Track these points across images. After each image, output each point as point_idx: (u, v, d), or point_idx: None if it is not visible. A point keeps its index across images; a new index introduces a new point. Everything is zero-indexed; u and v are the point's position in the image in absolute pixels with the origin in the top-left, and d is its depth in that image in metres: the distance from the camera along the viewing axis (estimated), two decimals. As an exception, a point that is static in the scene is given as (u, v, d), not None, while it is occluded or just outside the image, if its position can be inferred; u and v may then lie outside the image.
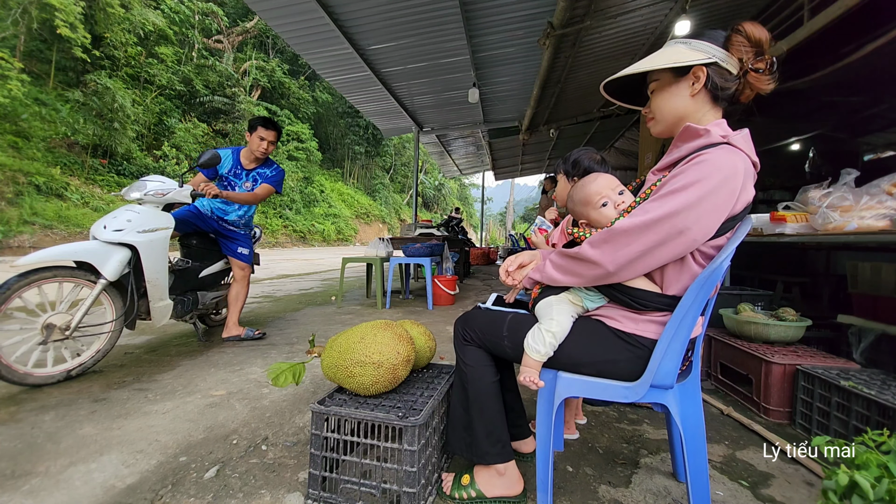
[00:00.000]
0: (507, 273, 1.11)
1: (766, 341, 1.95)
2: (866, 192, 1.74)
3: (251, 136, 2.74)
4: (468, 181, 47.72)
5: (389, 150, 32.55)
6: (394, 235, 5.90)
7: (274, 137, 2.78)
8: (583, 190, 1.07)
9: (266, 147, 2.75)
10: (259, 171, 2.85)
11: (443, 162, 12.13)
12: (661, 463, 1.39)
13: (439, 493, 1.18)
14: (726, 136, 0.88)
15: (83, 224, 10.05)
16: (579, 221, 1.12)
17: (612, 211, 1.03)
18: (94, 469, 1.27)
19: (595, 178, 1.08)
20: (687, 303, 0.90)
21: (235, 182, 2.79)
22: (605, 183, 1.05)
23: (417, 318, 3.71)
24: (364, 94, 6.36)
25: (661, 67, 0.95)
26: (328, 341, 1.34)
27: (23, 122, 10.08)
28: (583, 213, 1.08)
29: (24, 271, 1.83)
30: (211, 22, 19.06)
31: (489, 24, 4.41)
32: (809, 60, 3.18)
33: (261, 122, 2.75)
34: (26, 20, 10.95)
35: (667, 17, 4.30)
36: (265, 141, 2.73)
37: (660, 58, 0.96)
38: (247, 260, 2.88)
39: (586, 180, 1.08)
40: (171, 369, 2.20)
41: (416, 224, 6.99)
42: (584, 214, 1.08)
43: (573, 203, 1.10)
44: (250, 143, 2.76)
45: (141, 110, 13.75)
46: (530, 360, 1.01)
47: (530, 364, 1.01)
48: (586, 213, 1.07)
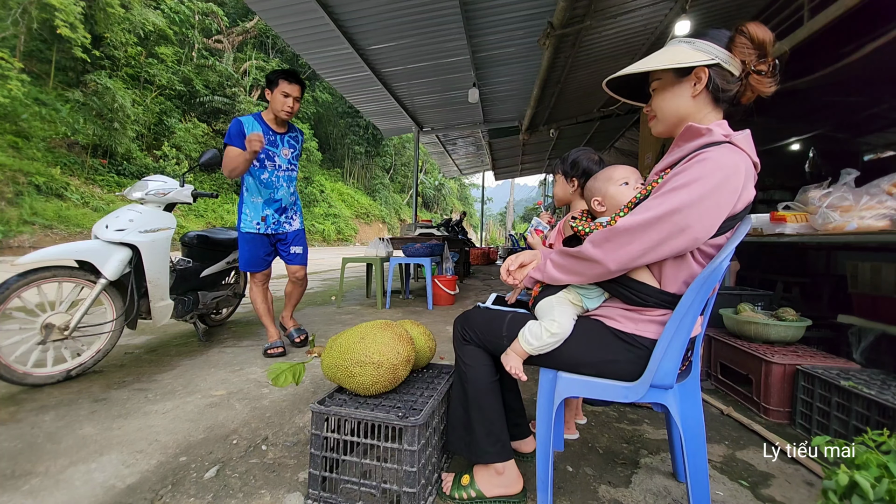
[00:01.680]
0: (509, 272, 1.11)
1: (766, 341, 1.95)
2: (866, 192, 1.74)
3: (272, 94, 2.31)
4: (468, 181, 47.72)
5: (389, 150, 32.55)
6: (394, 235, 5.90)
7: (299, 93, 2.34)
8: (609, 170, 1.13)
9: (292, 105, 2.32)
10: (291, 134, 2.49)
11: (443, 162, 12.13)
12: (661, 463, 1.39)
13: (439, 493, 1.18)
14: (728, 136, 0.88)
15: (83, 224, 10.05)
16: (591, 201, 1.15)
17: (631, 192, 1.06)
18: (94, 469, 1.27)
19: (622, 166, 1.15)
20: (687, 302, 0.90)
21: (274, 152, 2.37)
22: (630, 171, 1.12)
23: (417, 318, 3.71)
24: (364, 94, 6.36)
25: (659, 67, 0.95)
26: (328, 341, 1.34)
27: (23, 122, 10.09)
28: (602, 188, 1.11)
29: (23, 271, 1.83)
30: (211, 22, 19.05)
31: (489, 24, 4.41)
32: (809, 60, 3.17)
33: (283, 75, 2.28)
34: (26, 20, 10.95)
35: (667, 17, 4.30)
36: (290, 98, 2.30)
37: (662, 57, 0.95)
38: (303, 261, 2.60)
39: (614, 165, 1.16)
40: (171, 369, 2.20)
41: (416, 224, 6.99)
42: (603, 190, 1.11)
43: (595, 180, 1.15)
44: (272, 102, 2.32)
45: (141, 110, 13.75)
46: (518, 348, 1.03)
47: (518, 352, 1.03)
48: (605, 188, 1.11)
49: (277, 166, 2.42)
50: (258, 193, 2.42)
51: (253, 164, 2.32)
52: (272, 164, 2.40)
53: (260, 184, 2.39)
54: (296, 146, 2.51)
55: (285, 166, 2.45)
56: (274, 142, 2.38)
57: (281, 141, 2.42)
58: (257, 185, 2.40)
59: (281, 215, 2.49)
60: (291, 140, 2.49)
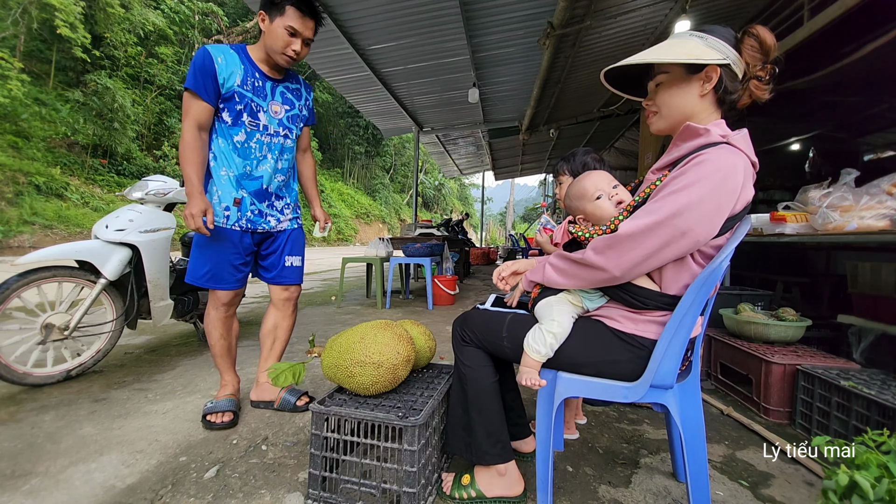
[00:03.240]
0: (501, 278, 1.12)
1: (766, 341, 1.95)
2: (866, 192, 1.74)
3: (271, 25, 1.50)
4: (468, 181, 47.71)
5: (389, 150, 32.54)
6: (394, 235, 5.90)
7: (312, 33, 1.57)
8: (578, 185, 1.10)
9: (299, 50, 1.54)
10: (288, 86, 1.68)
11: (443, 162, 12.14)
12: (661, 463, 1.39)
13: (439, 493, 1.18)
14: (726, 136, 0.88)
15: (83, 224, 10.05)
16: (577, 218, 1.13)
17: (608, 203, 1.04)
18: (94, 469, 1.27)
19: (589, 174, 1.11)
20: (687, 302, 0.90)
21: (259, 105, 1.58)
22: (598, 178, 1.08)
23: (417, 318, 3.71)
24: (364, 94, 6.36)
25: (675, 61, 0.90)
26: (328, 341, 1.34)
27: (23, 122, 10.08)
28: (579, 207, 1.09)
29: (23, 271, 1.83)
30: (211, 22, 19.03)
31: (489, 24, 4.41)
32: (809, 60, 3.17)
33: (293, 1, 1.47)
34: (26, 20, 10.94)
35: (667, 17, 4.30)
36: (298, 38, 1.52)
37: (675, 50, 0.90)
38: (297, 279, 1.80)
39: (581, 177, 1.12)
40: (171, 369, 2.20)
41: (416, 224, 6.99)
42: (581, 208, 1.09)
43: (570, 199, 1.13)
44: (269, 36, 1.51)
45: (141, 110, 13.74)
46: (530, 361, 1.01)
47: (530, 364, 1.02)
48: (582, 206, 1.08)
49: (261, 127, 1.60)
50: (229, 163, 1.58)
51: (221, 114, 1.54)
52: (253, 121, 1.58)
53: (233, 149, 1.57)
54: (294, 103, 1.70)
55: (274, 128, 1.63)
56: (261, 90, 1.58)
57: (272, 91, 1.62)
58: (230, 150, 1.58)
59: (263, 202, 1.66)
60: (289, 93, 1.68)
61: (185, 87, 1.47)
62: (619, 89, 1.09)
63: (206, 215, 1.45)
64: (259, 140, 1.60)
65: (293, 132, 1.71)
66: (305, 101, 1.75)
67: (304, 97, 1.75)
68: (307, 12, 1.51)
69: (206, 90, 1.47)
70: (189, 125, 1.47)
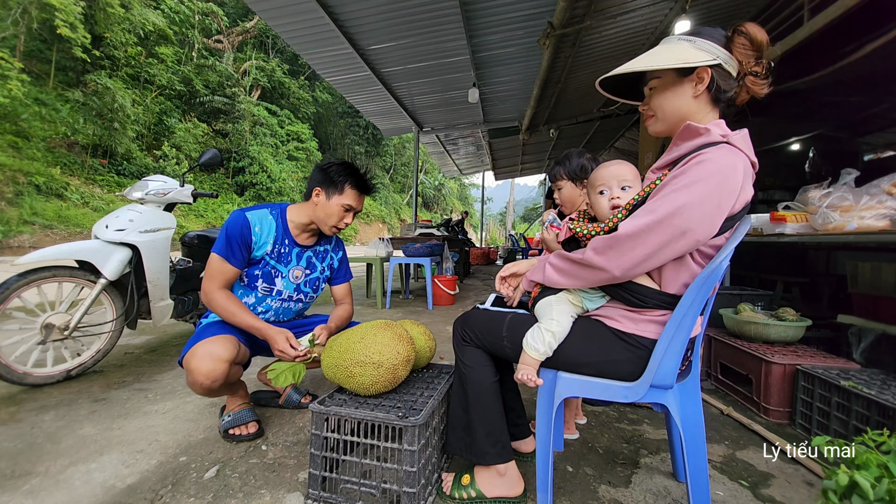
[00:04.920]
0: (503, 280, 1.12)
1: (766, 341, 1.95)
2: (866, 192, 1.74)
3: (327, 201, 1.50)
4: (468, 181, 47.66)
5: (389, 150, 32.51)
6: (394, 235, 5.90)
7: (362, 205, 1.60)
8: (597, 171, 1.09)
9: (350, 222, 1.58)
10: (316, 249, 1.67)
11: (443, 162, 12.13)
12: (661, 463, 1.39)
13: (439, 493, 1.18)
14: (726, 136, 0.88)
15: (83, 224, 10.05)
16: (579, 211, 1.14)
17: (605, 202, 1.04)
18: (94, 469, 1.27)
19: (610, 164, 1.08)
20: (686, 302, 0.90)
21: (277, 270, 1.56)
22: (614, 172, 1.05)
23: (417, 318, 3.71)
24: (364, 94, 6.36)
25: (663, 67, 0.92)
26: (328, 341, 1.34)
27: (23, 122, 10.08)
28: (589, 192, 1.10)
29: (23, 271, 1.83)
30: (211, 22, 19.04)
31: (489, 24, 4.41)
32: (809, 60, 3.17)
33: (353, 180, 1.52)
34: (26, 20, 10.94)
35: (667, 17, 4.30)
36: (351, 213, 1.56)
37: (664, 56, 0.93)
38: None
39: (606, 163, 1.09)
40: (171, 369, 2.20)
41: (416, 224, 6.99)
42: (589, 195, 1.10)
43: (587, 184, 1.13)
44: (322, 210, 1.52)
45: (141, 110, 13.74)
46: (528, 359, 1.02)
47: (528, 362, 1.02)
48: (589, 193, 1.10)
49: (274, 292, 1.57)
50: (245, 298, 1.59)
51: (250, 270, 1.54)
52: (267, 287, 1.55)
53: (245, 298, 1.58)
54: (316, 266, 1.66)
55: (288, 293, 1.60)
56: (286, 256, 1.57)
57: (297, 257, 1.60)
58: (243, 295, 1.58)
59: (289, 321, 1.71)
60: (315, 257, 1.66)
61: (215, 251, 1.45)
62: (616, 95, 1.10)
63: (291, 341, 1.41)
64: (268, 304, 1.59)
65: (308, 296, 1.69)
66: (330, 261, 1.74)
67: (329, 257, 1.73)
68: (365, 191, 1.57)
69: (236, 258, 1.46)
70: (213, 287, 1.44)
